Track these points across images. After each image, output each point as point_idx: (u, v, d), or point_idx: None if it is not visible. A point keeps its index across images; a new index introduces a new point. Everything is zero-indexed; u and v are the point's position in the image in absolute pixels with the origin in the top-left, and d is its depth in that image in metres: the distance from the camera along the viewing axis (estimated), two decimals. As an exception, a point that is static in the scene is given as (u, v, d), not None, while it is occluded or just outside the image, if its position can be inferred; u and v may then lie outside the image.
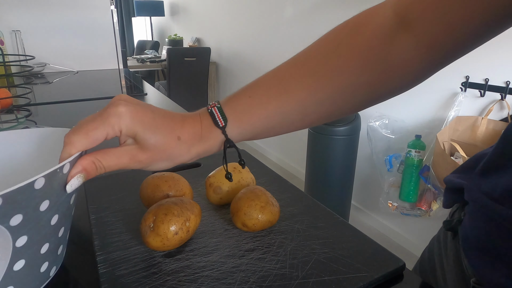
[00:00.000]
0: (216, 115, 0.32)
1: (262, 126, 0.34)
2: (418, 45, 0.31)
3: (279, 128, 0.35)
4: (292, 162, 2.70)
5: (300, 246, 0.38)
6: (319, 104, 0.34)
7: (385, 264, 0.35)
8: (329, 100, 0.34)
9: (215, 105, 0.33)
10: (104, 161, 0.30)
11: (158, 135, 0.30)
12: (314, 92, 0.33)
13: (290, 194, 0.49)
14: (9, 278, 0.29)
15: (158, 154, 0.31)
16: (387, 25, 0.32)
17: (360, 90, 0.34)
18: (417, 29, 0.30)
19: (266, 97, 0.33)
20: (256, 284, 0.32)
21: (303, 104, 0.33)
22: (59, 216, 0.31)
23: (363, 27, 0.33)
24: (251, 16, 2.89)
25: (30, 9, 1.59)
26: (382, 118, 1.73)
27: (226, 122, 0.32)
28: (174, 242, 0.36)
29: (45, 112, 1.01)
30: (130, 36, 5.21)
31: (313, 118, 0.35)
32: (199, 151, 0.33)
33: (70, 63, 1.72)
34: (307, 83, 0.33)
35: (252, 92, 0.33)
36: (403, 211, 1.66)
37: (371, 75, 0.33)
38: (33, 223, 0.28)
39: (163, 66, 3.55)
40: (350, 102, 0.35)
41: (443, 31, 0.29)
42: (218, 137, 0.33)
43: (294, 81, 0.33)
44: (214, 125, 0.32)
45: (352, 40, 0.33)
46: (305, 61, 0.34)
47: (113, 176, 0.54)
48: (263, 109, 0.33)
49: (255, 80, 0.35)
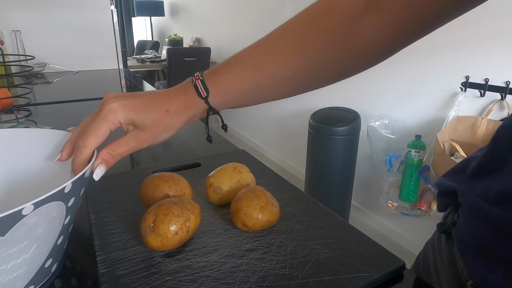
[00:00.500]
0: (200, 88, 0.37)
1: (239, 97, 0.39)
2: (384, 25, 0.32)
3: (255, 100, 0.40)
4: (292, 162, 2.70)
5: (300, 246, 0.38)
6: (290, 79, 0.38)
7: (385, 264, 0.35)
8: (299, 75, 0.38)
9: (198, 78, 0.38)
10: (117, 150, 0.36)
11: (150, 114, 0.36)
12: (285, 69, 0.37)
13: (290, 194, 0.50)
14: (53, 251, 0.33)
15: (157, 129, 0.37)
16: (356, 6, 0.33)
17: (329, 67, 0.37)
18: (384, 11, 0.32)
19: (243, 72, 0.38)
20: (256, 284, 0.32)
21: (275, 79, 0.38)
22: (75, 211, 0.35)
23: (334, 7, 0.35)
24: (251, 16, 2.89)
25: (30, 9, 1.59)
26: (382, 118, 1.73)
27: (208, 93, 0.37)
28: (174, 242, 0.36)
29: (45, 112, 1.01)
30: (130, 36, 5.21)
31: (284, 91, 0.40)
32: (188, 117, 0.38)
33: (70, 63, 1.72)
34: (279, 60, 0.37)
35: (230, 68, 0.38)
36: (403, 211, 1.66)
37: (339, 53, 0.35)
38: (73, 209, 0.33)
39: (163, 66, 3.56)
40: (319, 77, 0.39)
41: (407, 12, 0.31)
42: (202, 106, 0.38)
43: (267, 59, 0.37)
44: (198, 96, 0.37)
45: (322, 20, 0.35)
46: (278, 39, 0.38)
47: (113, 176, 0.54)
48: (240, 84, 0.38)
49: (234, 56, 0.39)
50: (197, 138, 0.80)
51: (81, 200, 0.35)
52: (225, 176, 0.45)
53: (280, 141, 2.82)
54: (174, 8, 4.63)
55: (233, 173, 0.46)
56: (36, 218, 0.27)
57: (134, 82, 1.54)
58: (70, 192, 0.30)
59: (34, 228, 0.28)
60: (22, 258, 0.29)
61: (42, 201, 0.27)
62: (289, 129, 2.66)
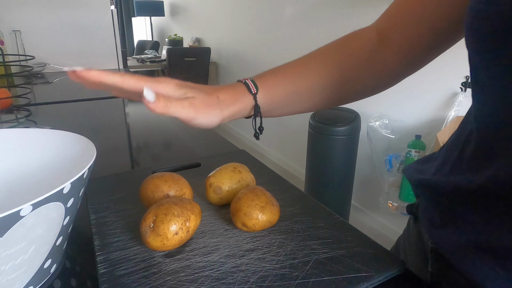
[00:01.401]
0: (250, 84, 0.42)
1: (281, 101, 0.45)
2: (392, 53, 0.43)
3: (292, 106, 0.46)
4: (292, 162, 2.70)
5: (300, 246, 0.38)
6: (324, 88, 0.45)
7: (385, 264, 0.35)
8: (332, 86, 0.45)
9: (247, 79, 0.43)
10: (171, 101, 0.36)
11: (202, 92, 0.39)
12: (321, 77, 0.44)
13: (290, 194, 0.49)
14: (52, 252, 0.33)
15: (203, 107, 0.38)
16: (372, 38, 0.44)
17: (356, 82, 0.45)
18: (390, 42, 0.42)
19: (286, 77, 0.44)
20: (256, 284, 0.32)
21: (313, 87, 0.45)
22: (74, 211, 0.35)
23: (355, 42, 0.45)
24: (251, 16, 2.89)
25: (30, 9, 1.59)
26: (382, 118, 1.73)
27: (257, 90, 0.42)
28: (174, 242, 0.36)
29: (45, 112, 1.01)
30: (130, 36, 5.21)
31: (317, 100, 0.46)
32: (234, 111, 0.41)
33: (70, 63, 1.72)
34: (317, 70, 0.44)
35: (276, 72, 0.45)
36: (403, 211, 1.66)
37: (363, 71, 0.44)
38: (72, 210, 0.34)
39: (163, 66, 3.56)
40: (348, 91, 0.46)
41: (407, 44, 0.41)
42: (250, 102, 0.42)
43: (306, 68, 0.45)
44: (248, 92, 0.42)
45: (349, 46, 0.45)
46: (314, 55, 0.46)
47: (113, 176, 0.54)
48: (282, 86, 0.44)
49: (277, 66, 0.45)
50: (197, 138, 0.80)
51: (80, 200, 0.35)
52: (225, 176, 0.45)
53: (280, 141, 2.82)
54: (174, 8, 4.63)
55: (233, 173, 0.46)
56: (34, 218, 0.27)
57: (134, 82, 1.54)
58: (69, 193, 0.30)
59: (32, 229, 0.28)
60: (21, 259, 0.29)
61: (40, 202, 0.27)
62: (289, 129, 2.66)
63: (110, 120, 0.95)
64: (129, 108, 1.09)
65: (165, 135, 0.82)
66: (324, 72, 0.44)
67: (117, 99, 1.18)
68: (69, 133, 0.42)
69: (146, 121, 0.94)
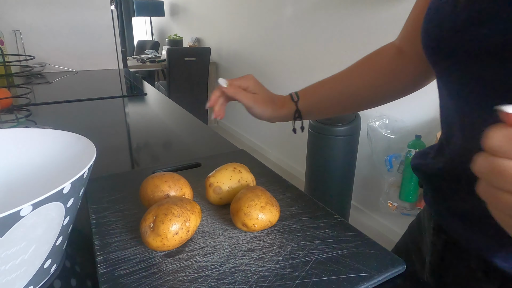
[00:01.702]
0: (293, 95, 0.58)
1: (317, 105, 0.57)
2: (407, 63, 0.52)
3: (326, 109, 0.58)
4: (292, 162, 2.70)
5: (300, 246, 0.38)
6: (355, 92, 0.55)
7: (385, 264, 0.35)
8: (362, 91, 0.55)
9: (293, 92, 0.58)
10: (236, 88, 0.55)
11: (264, 92, 0.57)
12: (352, 82, 0.55)
13: (290, 194, 0.49)
14: (52, 252, 0.33)
15: (261, 102, 0.55)
16: (392, 52, 0.54)
17: (382, 88, 0.54)
18: (405, 55, 0.52)
19: (321, 85, 0.58)
20: (256, 284, 0.32)
21: (345, 91, 0.56)
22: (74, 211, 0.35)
23: (380, 58, 0.55)
24: (251, 16, 2.89)
25: (30, 9, 1.59)
26: (382, 118, 1.73)
27: (298, 98, 0.57)
28: (174, 242, 0.36)
29: (45, 112, 1.01)
30: (130, 36, 5.21)
31: (347, 103, 0.56)
32: (282, 114, 0.57)
33: (70, 63, 1.72)
34: (348, 76, 0.56)
35: (313, 84, 0.58)
36: (403, 211, 1.66)
37: (388, 79, 0.54)
38: (72, 210, 0.34)
39: (163, 66, 3.55)
40: (376, 96, 0.55)
41: (417, 56, 0.49)
42: (292, 108, 0.57)
43: (340, 76, 0.57)
44: (291, 100, 0.57)
45: (374, 59, 0.56)
46: (345, 71, 0.57)
47: (113, 176, 0.54)
48: (318, 90, 0.58)
49: (319, 80, 0.58)
50: (197, 138, 0.80)
51: (80, 200, 0.35)
52: (225, 176, 0.45)
53: (280, 141, 2.82)
54: (174, 8, 4.63)
55: (233, 173, 0.46)
56: (34, 219, 0.27)
57: (134, 82, 1.54)
58: (69, 193, 0.30)
59: (32, 229, 0.28)
60: (21, 259, 0.29)
61: (40, 202, 0.27)
62: (289, 129, 2.66)
63: (110, 120, 0.95)
64: (129, 108, 1.09)
65: (165, 135, 0.82)
66: (354, 77, 0.55)
67: (117, 99, 1.18)
68: (69, 133, 0.42)
69: (146, 121, 0.94)
